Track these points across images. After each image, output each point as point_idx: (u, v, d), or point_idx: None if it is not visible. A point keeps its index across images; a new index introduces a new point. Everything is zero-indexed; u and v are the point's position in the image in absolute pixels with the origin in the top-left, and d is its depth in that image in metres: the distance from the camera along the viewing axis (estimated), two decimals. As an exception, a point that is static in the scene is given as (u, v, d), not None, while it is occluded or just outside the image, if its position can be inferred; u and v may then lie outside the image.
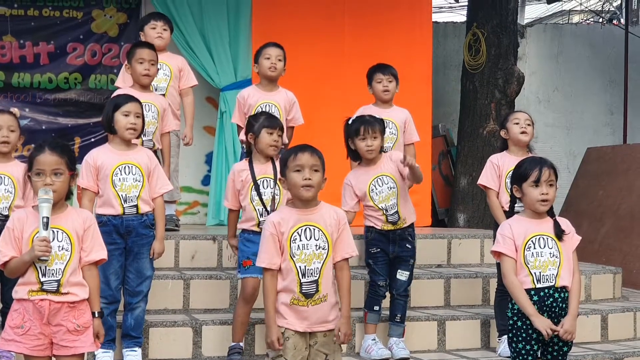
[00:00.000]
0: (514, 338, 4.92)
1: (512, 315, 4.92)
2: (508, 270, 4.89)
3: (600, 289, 7.91)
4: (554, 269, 4.87)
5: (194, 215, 10.14)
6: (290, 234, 4.64)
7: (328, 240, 4.66)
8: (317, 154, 4.69)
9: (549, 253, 4.87)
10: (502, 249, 4.92)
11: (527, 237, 4.88)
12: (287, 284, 4.66)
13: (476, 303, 7.41)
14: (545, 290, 4.86)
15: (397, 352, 6.43)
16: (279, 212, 4.83)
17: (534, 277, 4.86)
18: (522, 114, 6.68)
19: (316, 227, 4.66)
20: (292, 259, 4.63)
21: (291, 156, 4.68)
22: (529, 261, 4.87)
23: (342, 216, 4.77)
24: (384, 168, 6.40)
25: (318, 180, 4.64)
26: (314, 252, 4.63)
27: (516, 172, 5.02)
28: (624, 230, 10.06)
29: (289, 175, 4.66)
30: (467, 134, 10.90)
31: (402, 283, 6.49)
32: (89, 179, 5.91)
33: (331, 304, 4.70)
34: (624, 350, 6.96)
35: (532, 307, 4.81)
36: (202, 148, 9.99)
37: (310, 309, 4.65)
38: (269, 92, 7.27)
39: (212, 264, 7.32)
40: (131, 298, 6.02)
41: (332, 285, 4.71)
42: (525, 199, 4.93)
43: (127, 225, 5.93)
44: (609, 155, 11.10)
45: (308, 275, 4.63)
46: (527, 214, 4.97)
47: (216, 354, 6.33)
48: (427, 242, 8.08)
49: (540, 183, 4.87)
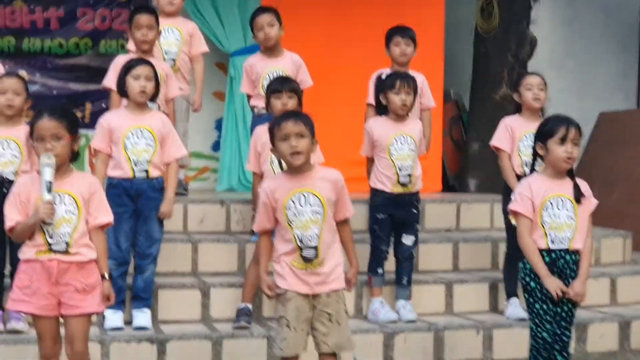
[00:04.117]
0: (530, 299, 4.93)
1: (524, 276, 4.94)
2: (523, 230, 4.88)
3: (610, 253, 7.92)
4: (569, 232, 4.86)
5: (204, 181, 10.15)
6: (285, 202, 4.66)
7: (323, 205, 4.67)
8: (302, 120, 4.68)
9: (566, 215, 4.87)
10: (519, 208, 4.90)
11: (545, 197, 4.87)
12: (287, 249, 4.69)
13: (485, 267, 7.42)
14: (558, 252, 4.86)
15: (404, 314, 6.47)
16: (273, 180, 4.86)
17: (549, 238, 4.85)
18: (534, 78, 6.61)
19: (310, 193, 4.67)
20: (290, 225, 4.65)
21: (276, 126, 4.68)
22: (545, 222, 4.86)
23: (340, 177, 4.78)
24: (410, 129, 6.43)
25: (306, 146, 4.63)
26: (310, 218, 4.65)
27: (542, 129, 4.99)
28: (636, 196, 10.02)
29: (277, 144, 4.67)
30: (479, 99, 10.83)
31: (408, 247, 6.52)
32: (102, 141, 5.98)
33: (332, 266, 4.72)
34: (633, 313, 6.98)
35: (545, 269, 4.82)
36: (212, 114, 9.98)
37: (309, 272, 4.68)
38: (274, 58, 7.25)
39: (220, 227, 7.36)
40: (141, 260, 6.08)
41: (333, 248, 4.73)
42: (549, 156, 4.90)
43: (137, 189, 5.97)
44: (621, 121, 11.03)
45: (307, 241, 4.65)
46: (548, 173, 4.94)
47: (224, 316, 6.37)
48: (437, 207, 8.09)
49: (566, 141, 4.84)
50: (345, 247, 4.82)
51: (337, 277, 4.74)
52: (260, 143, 6.05)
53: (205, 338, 5.95)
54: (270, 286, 4.73)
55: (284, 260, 4.70)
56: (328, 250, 4.70)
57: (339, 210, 4.76)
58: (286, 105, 5.96)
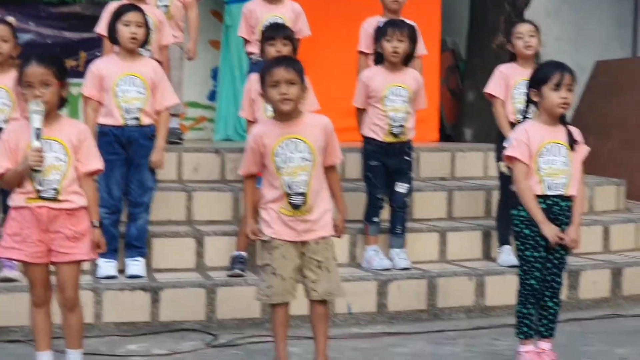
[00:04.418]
0: (521, 246, 4.94)
1: (519, 223, 4.92)
2: (520, 175, 4.86)
3: (603, 201, 7.94)
4: (564, 178, 4.86)
5: (200, 131, 10.15)
6: (274, 148, 4.64)
7: (312, 152, 4.66)
8: (294, 67, 4.64)
9: (562, 162, 4.86)
10: (516, 153, 4.87)
11: (542, 143, 4.85)
12: (275, 195, 4.68)
13: (478, 215, 7.44)
14: (554, 199, 4.87)
15: (398, 262, 6.49)
16: (262, 125, 4.83)
17: (545, 184, 4.85)
18: (524, 26, 6.59)
19: (299, 140, 4.65)
20: (279, 172, 4.64)
21: (266, 72, 4.65)
22: (541, 168, 4.85)
23: (328, 123, 4.76)
24: (405, 80, 6.41)
25: (295, 93, 4.60)
26: (299, 165, 4.64)
27: (536, 75, 4.95)
28: (631, 143, 10.03)
29: (267, 90, 4.64)
30: (476, 48, 10.79)
31: (401, 195, 6.53)
32: (92, 88, 5.97)
33: (320, 213, 4.71)
34: (625, 260, 7.02)
35: (542, 215, 4.82)
36: (208, 63, 9.95)
37: (298, 219, 4.67)
38: (274, 5, 7.22)
39: (215, 176, 7.37)
40: (134, 209, 6.09)
41: (321, 195, 4.72)
42: (543, 102, 4.87)
43: (128, 136, 5.97)
44: (617, 69, 11.00)
45: (295, 187, 4.64)
46: (542, 120, 4.92)
47: (219, 264, 6.40)
48: (431, 156, 8.10)
49: (561, 87, 4.82)
50: (333, 193, 4.81)
51: (326, 224, 4.73)
52: (255, 90, 6.02)
53: (199, 286, 5.97)
54: (254, 231, 4.74)
55: (272, 207, 4.70)
56: (316, 197, 4.69)
57: (327, 156, 4.74)
58: (280, 52, 5.91)
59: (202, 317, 5.91)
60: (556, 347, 5.11)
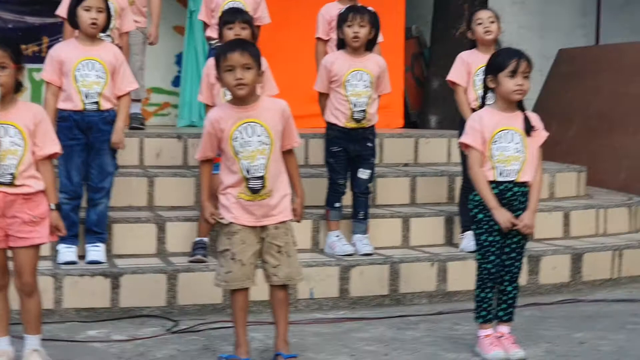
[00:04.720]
0: (477, 230, 4.99)
1: (473, 207, 4.98)
2: (473, 162, 4.91)
3: (564, 187, 7.99)
4: (517, 164, 4.89)
5: (164, 117, 10.11)
6: (231, 133, 4.62)
7: (270, 135, 4.64)
8: (249, 51, 4.61)
9: (514, 148, 4.89)
10: (469, 140, 4.92)
11: (495, 130, 4.88)
12: (234, 180, 4.66)
13: (441, 201, 7.47)
14: (506, 184, 4.90)
15: (361, 248, 6.51)
16: (219, 110, 4.80)
17: (497, 170, 4.88)
18: (484, 12, 6.65)
19: (257, 123, 4.64)
20: (237, 156, 4.63)
21: (222, 56, 4.62)
22: (494, 155, 4.88)
23: (286, 107, 4.75)
24: (367, 65, 6.41)
25: (251, 78, 4.58)
26: (257, 148, 4.62)
27: (492, 62, 4.98)
28: (592, 130, 10.10)
29: (222, 75, 4.62)
30: (440, 36, 10.83)
31: (364, 181, 6.55)
32: (52, 72, 5.93)
33: (279, 197, 4.70)
34: (585, 245, 7.07)
35: (494, 200, 4.85)
36: (172, 48, 9.91)
37: (257, 204, 4.66)
38: None
39: (177, 162, 7.34)
40: (94, 194, 6.06)
41: (280, 179, 4.71)
42: (499, 89, 4.90)
43: (88, 121, 5.94)
44: (580, 57, 11.08)
45: (253, 171, 4.63)
46: (499, 106, 4.94)
47: (180, 250, 6.38)
48: (395, 141, 8.11)
49: (516, 74, 4.84)
50: (291, 177, 4.80)
51: (285, 209, 4.72)
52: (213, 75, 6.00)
53: (160, 272, 5.94)
54: (213, 213, 4.72)
55: (230, 192, 4.68)
56: (275, 181, 4.68)
57: (285, 140, 4.73)
58: (239, 36, 5.89)
59: (163, 303, 5.89)
60: (515, 331, 5.15)
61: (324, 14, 7.19)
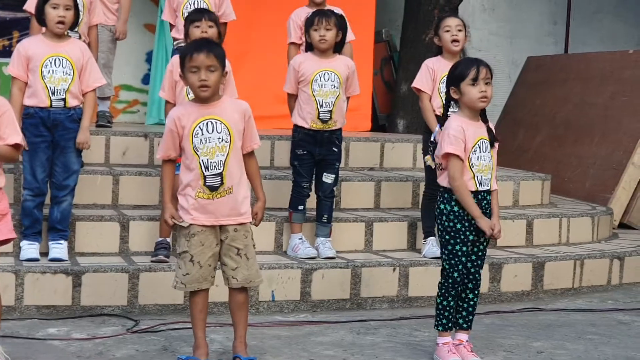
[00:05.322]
0: (452, 240, 4.95)
1: (452, 218, 4.93)
2: (457, 172, 4.87)
3: (528, 195, 8.04)
4: (489, 173, 4.94)
5: (133, 114, 10.09)
6: (192, 129, 4.63)
7: (230, 133, 4.65)
8: (215, 53, 4.62)
9: (488, 157, 4.93)
10: (456, 150, 4.87)
11: (475, 140, 4.90)
12: (192, 177, 4.66)
13: (405, 206, 7.50)
14: (483, 194, 4.94)
15: (323, 251, 6.52)
16: (180, 107, 4.81)
17: (477, 180, 4.91)
18: (452, 19, 6.65)
19: (217, 120, 4.65)
20: (196, 153, 4.63)
21: (187, 56, 4.63)
22: (474, 164, 4.90)
23: (247, 108, 4.77)
24: (335, 65, 6.44)
25: (215, 80, 4.60)
26: (217, 145, 4.63)
27: (453, 72, 5.00)
28: (558, 139, 10.19)
29: (186, 74, 4.64)
30: (410, 40, 10.88)
31: (328, 185, 6.57)
32: (18, 67, 5.91)
33: (240, 198, 4.70)
34: (547, 254, 7.12)
35: (478, 210, 4.87)
36: (143, 46, 9.89)
37: (215, 202, 4.65)
38: None
39: (143, 160, 7.33)
40: (58, 191, 6.04)
41: (241, 179, 4.71)
42: (463, 98, 4.92)
43: (54, 119, 5.92)
44: (548, 65, 11.17)
45: (212, 168, 4.63)
46: (465, 115, 4.96)
47: (143, 249, 6.37)
48: (361, 145, 8.14)
49: (478, 81, 4.87)
50: (251, 180, 4.80)
51: (245, 211, 4.73)
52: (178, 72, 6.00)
53: (121, 271, 5.92)
54: (173, 215, 4.71)
55: (189, 193, 4.68)
56: (234, 179, 4.67)
57: (245, 142, 4.74)
58: (206, 33, 5.89)
59: (124, 302, 5.88)
60: (474, 339, 5.19)
61: (295, 18, 7.21)
